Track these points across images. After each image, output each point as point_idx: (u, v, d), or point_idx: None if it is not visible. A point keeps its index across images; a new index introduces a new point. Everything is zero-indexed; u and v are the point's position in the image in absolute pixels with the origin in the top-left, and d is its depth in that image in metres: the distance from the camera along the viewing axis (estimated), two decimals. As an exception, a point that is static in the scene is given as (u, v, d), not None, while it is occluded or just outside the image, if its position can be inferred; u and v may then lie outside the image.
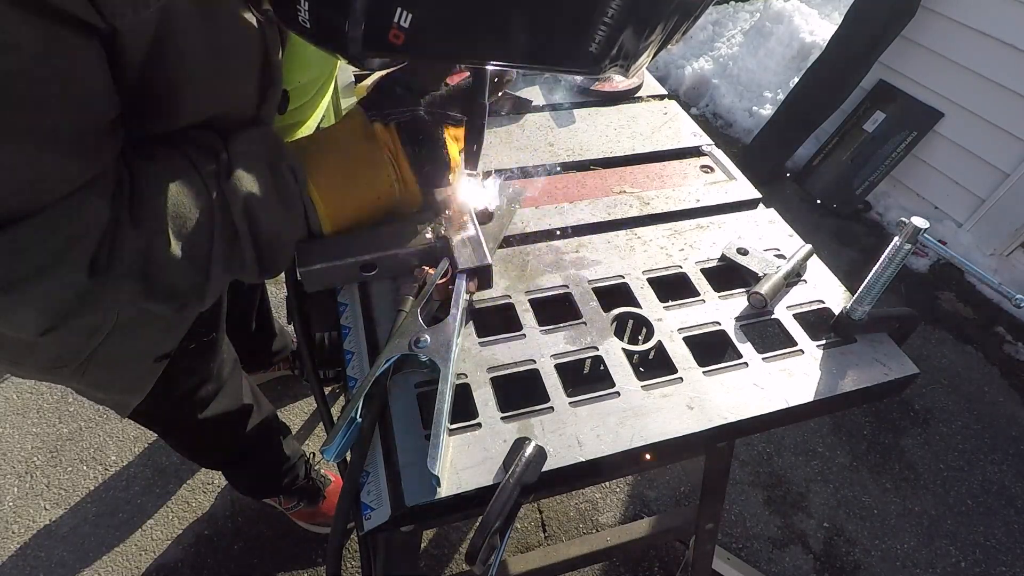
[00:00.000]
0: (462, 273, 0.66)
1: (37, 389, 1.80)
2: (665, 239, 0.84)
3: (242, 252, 0.58)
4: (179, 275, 0.55)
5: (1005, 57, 2.27)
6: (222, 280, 0.59)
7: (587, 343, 0.69)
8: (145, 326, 0.83)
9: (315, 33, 0.48)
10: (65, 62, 0.42)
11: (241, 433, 1.19)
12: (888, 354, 0.72)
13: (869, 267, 0.68)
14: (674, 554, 1.58)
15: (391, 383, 0.63)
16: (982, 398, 2.07)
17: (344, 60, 0.51)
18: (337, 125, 0.68)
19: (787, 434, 1.89)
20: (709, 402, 0.65)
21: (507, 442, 0.59)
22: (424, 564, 1.52)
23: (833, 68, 2.66)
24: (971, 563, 1.65)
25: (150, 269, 0.53)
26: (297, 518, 1.54)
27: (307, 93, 0.79)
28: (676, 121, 1.09)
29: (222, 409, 1.10)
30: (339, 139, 0.66)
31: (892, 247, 0.66)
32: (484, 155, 0.95)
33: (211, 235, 0.55)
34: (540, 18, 0.43)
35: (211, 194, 0.55)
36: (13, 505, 1.56)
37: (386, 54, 0.51)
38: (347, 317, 0.72)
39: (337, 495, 1.52)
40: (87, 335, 0.78)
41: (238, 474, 1.39)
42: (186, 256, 0.54)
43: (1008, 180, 2.36)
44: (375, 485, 0.57)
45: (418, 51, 0.46)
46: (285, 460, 1.38)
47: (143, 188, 0.52)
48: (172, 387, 0.97)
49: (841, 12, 2.97)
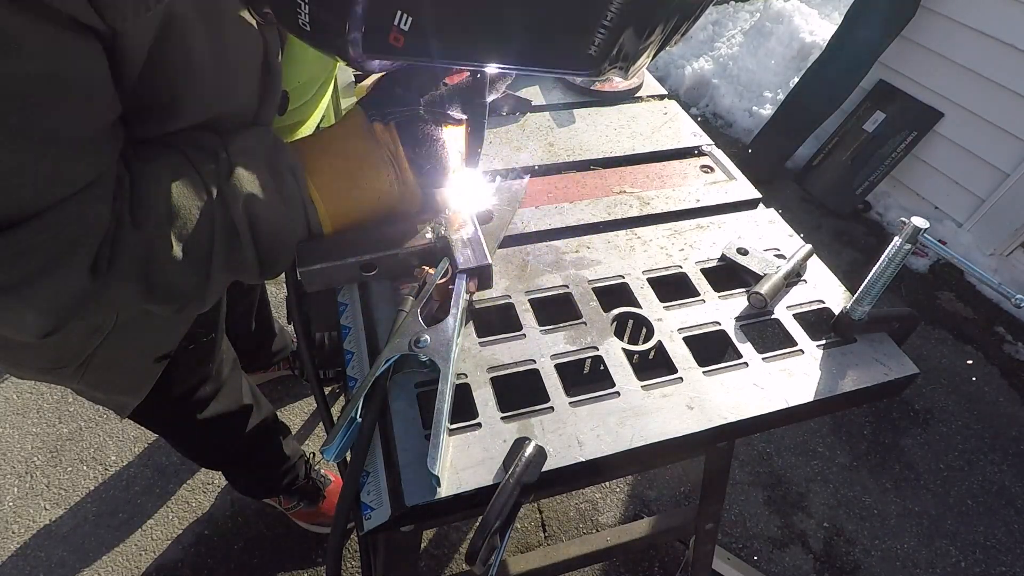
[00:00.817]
0: (462, 273, 0.66)
1: (37, 389, 1.80)
2: (665, 239, 0.84)
3: (243, 252, 0.58)
4: (180, 276, 0.55)
5: (1005, 57, 2.27)
6: (223, 281, 0.59)
7: (587, 343, 0.69)
8: (144, 327, 0.83)
9: (315, 36, 0.48)
10: (66, 64, 0.42)
11: (241, 433, 1.19)
12: (888, 354, 0.72)
13: (869, 267, 0.68)
14: (674, 554, 1.58)
15: (391, 383, 0.63)
16: (982, 398, 2.08)
17: (344, 62, 0.51)
18: (337, 125, 0.68)
19: (787, 434, 1.89)
20: (709, 402, 0.65)
21: (507, 442, 0.59)
22: (424, 564, 1.52)
23: (833, 68, 2.66)
24: (971, 563, 1.65)
25: (151, 270, 0.53)
26: (297, 518, 1.54)
27: (307, 93, 0.79)
28: (676, 121, 1.09)
29: (222, 409, 1.10)
30: (339, 139, 0.66)
31: (892, 247, 0.66)
32: (484, 155, 0.95)
33: (212, 236, 0.55)
34: (540, 21, 0.43)
35: (211, 195, 0.55)
36: (13, 505, 1.56)
37: (386, 57, 0.52)
38: (347, 317, 0.72)
39: (337, 495, 1.52)
40: (87, 336, 0.78)
41: (238, 474, 1.39)
42: (187, 257, 0.54)
43: (1008, 180, 2.36)
44: (375, 485, 0.57)
45: (418, 54, 0.46)
46: (285, 460, 1.38)
47: (144, 189, 0.52)
48: (172, 387, 0.97)
49: (841, 12, 2.97)
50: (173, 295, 0.56)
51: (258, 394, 1.25)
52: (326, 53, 0.50)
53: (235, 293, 1.13)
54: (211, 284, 0.58)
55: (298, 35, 0.49)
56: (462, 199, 0.72)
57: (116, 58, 0.46)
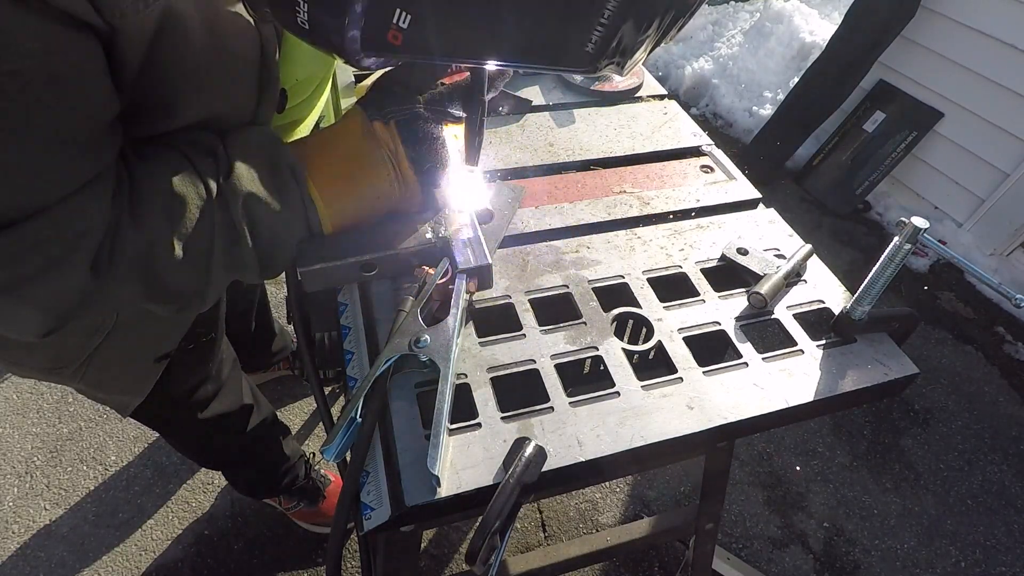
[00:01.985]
0: (462, 273, 0.66)
1: (37, 389, 1.80)
2: (665, 239, 0.84)
3: (242, 252, 0.58)
4: (180, 276, 0.55)
5: (1005, 57, 2.27)
6: (223, 280, 0.59)
7: (587, 343, 0.69)
8: (144, 327, 0.83)
9: (314, 34, 0.48)
10: (65, 62, 0.42)
11: (241, 433, 1.19)
12: (888, 354, 0.72)
13: (869, 267, 0.68)
14: (674, 554, 1.58)
15: (391, 383, 0.63)
16: (982, 398, 2.07)
17: (342, 61, 0.51)
18: (337, 125, 0.68)
19: (787, 434, 1.89)
20: (709, 402, 0.65)
21: (507, 442, 0.59)
22: (424, 564, 1.52)
23: (833, 68, 2.66)
24: (971, 563, 1.65)
25: (152, 270, 0.53)
26: (297, 518, 1.54)
27: (305, 91, 0.79)
28: (676, 121, 1.09)
29: (222, 409, 1.10)
30: (339, 138, 0.66)
31: (892, 247, 0.66)
32: (484, 154, 0.95)
33: (212, 235, 0.55)
34: (537, 18, 0.43)
35: (211, 194, 0.55)
36: (13, 505, 1.56)
37: (384, 55, 0.52)
38: (347, 317, 0.72)
39: (337, 495, 1.52)
40: (87, 336, 0.78)
41: (238, 474, 1.39)
42: (187, 257, 0.54)
43: (1008, 180, 2.36)
44: (375, 485, 0.57)
45: (417, 51, 0.46)
46: (285, 460, 1.38)
47: (143, 188, 0.52)
48: (172, 387, 0.97)
49: (841, 12, 2.97)
50: (173, 294, 0.56)
51: (258, 394, 1.25)
52: (324, 51, 0.50)
53: (235, 293, 1.13)
54: (211, 283, 0.57)
55: (297, 34, 0.49)
56: (462, 199, 0.72)
57: (114, 55, 0.46)
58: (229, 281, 0.61)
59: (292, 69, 0.70)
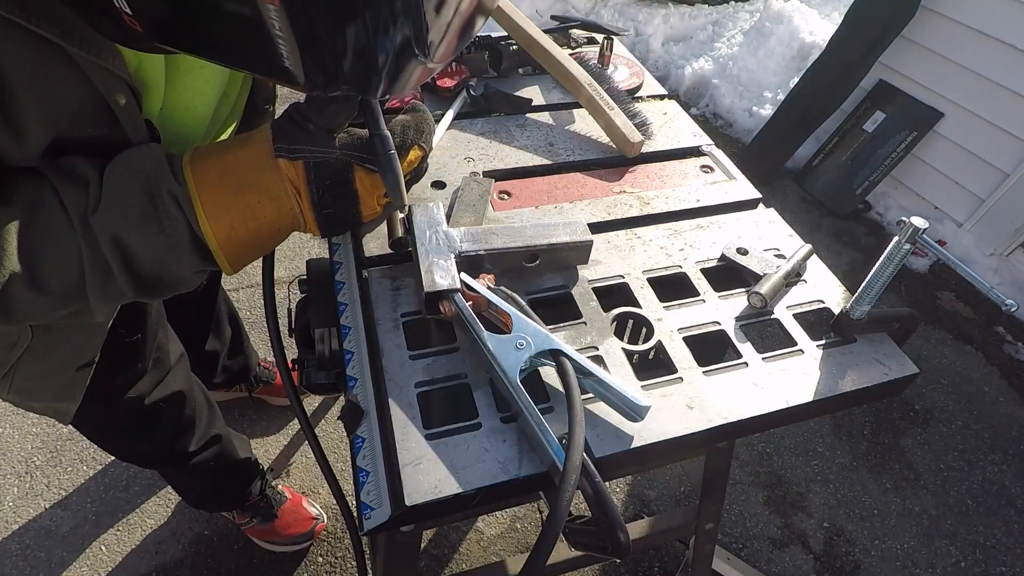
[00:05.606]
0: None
1: (37, 389, 1.80)
2: (665, 239, 0.84)
3: (118, 285, 0.57)
4: (40, 310, 0.55)
5: (1005, 57, 2.27)
6: (108, 306, 0.59)
7: (587, 343, 0.69)
8: (60, 339, 0.81)
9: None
10: None
11: (187, 432, 1.16)
12: (888, 354, 0.72)
13: (869, 267, 0.68)
14: (674, 554, 1.58)
15: (391, 383, 0.63)
16: (982, 398, 2.08)
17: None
18: (240, 149, 0.62)
19: (787, 434, 1.89)
20: (709, 402, 0.65)
21: (507, 442, 0.59)
22: (424, 564, 1.52)
23: (833, 68, 2.66)
24: (971, 563, 1.65)
25: (9, 308, 0.53)
26: (251, 534, 1.50)
27: (187, 120, 0.72)
28: (676, 121, 1.09)
29: (160, 396, 1.06)
30: (240, 166, 0.61)
31: (892, 247, 0.66)
32: (485, 154, 0.95)
33: (81, 271, 0.55)
34: (231, 26, 0.43)
35: (76, 231, 0.54)
36: (13, 505, 1.56)
37: (136, 44, 0.53)
38: (347, 317, 0.72)
39: (292, 514, 1.49)
40: (7, 349, 0.77)
41: (190, 484, 1.34)
42: (50, 291, 0.54)
43: (1008, 180, 2.36)
44: (375, 485, 0.57)
45: (164, 40, 0.47)
46: (239, 472, 1.35)
47: (3, 226, 0.51)
48: (104, 390, 0.95)
49: (841, 12, 2.97)
50: (42, 320, 0.56)
51: (211, 398, 1.23)
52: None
53: (177, 303, 1.07)
54: (92, 308, 0.58)
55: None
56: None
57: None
58: (120, 304, 0.60)
59: (155, 99, 0.65)
